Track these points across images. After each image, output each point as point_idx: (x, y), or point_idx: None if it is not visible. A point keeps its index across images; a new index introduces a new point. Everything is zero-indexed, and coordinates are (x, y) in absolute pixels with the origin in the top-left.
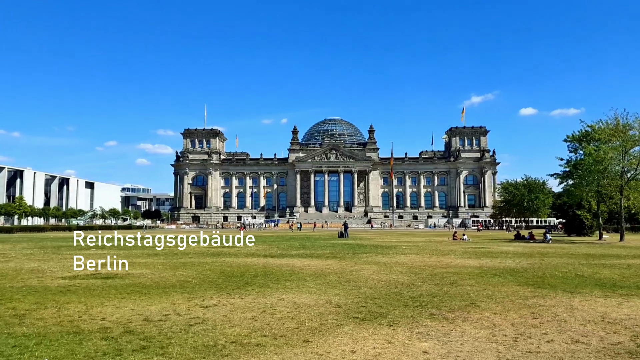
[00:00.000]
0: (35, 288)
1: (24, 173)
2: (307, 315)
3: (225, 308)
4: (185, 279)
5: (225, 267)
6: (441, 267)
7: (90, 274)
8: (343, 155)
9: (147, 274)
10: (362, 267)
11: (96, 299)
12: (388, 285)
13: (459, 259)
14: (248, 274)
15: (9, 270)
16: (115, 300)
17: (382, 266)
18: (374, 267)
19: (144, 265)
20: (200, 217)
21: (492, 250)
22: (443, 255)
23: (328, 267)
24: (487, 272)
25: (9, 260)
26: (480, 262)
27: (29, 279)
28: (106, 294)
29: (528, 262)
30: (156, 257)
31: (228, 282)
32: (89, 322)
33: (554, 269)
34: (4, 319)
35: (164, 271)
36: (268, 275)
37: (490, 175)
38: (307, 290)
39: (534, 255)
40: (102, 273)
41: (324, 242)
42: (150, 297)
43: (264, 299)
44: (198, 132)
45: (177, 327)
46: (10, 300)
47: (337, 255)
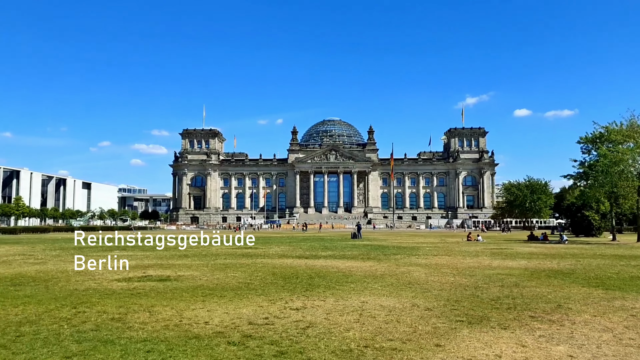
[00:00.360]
0: (101, 291)
1: (21, 173)
2: (411, 319)
3: (316, 310)
4: (244, 281)
5: (270, 269)
6: (486, 268)
7: (142, 276)
8: (343, 156)
9: (200, 276)
10: (408, 269)
11: (177, 302)
12: (455, 288)
13: (495, 260)
14: (300, 275)
15: (56, 272)
16: (198, 304)
17: (428, 268)
18: (421, 269)
19: (185, 267)
20: (199, 217)
21: (519, 251)
22: (475, 257)
23: (373, 269)
24: (537, 273)
25: (44, 262)
26: (519, 264)
27: (85, 282)
28: (179, 296)
29: (568, 263)
30: (188, 258)
31: (291, 284)
32: (198, 327)
33: (601, 270)
34: (105, 323)
35: (214, 273)
36: (322, 277)
37: (489, 176)
38: (378, 292)
39: (565, 257)
40: (153, 275)
41: (341, 243)
42: (230, 299)
43: (346, 302)
44: (197, 133)
45: (292, 331)
46: (92, 304)
47: (369, 256)
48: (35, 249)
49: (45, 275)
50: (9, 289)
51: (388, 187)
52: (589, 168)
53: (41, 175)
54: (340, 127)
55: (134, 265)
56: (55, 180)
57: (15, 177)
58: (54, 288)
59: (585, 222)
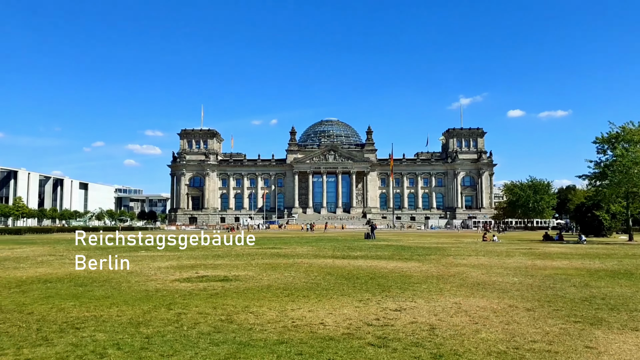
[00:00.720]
0: (173, 291)
1: (18, 173)
2: (525, 320)
3: (418, 311)
4: (310, 281)
5: (320, 269)
6: (536, 268)
7: (199, 277)
8: (341, 156)
9: (256, 276)
10: (460, 269)
11: (268, 302)
12: (529, 288)
13: (535, 260)
14: (360, 276)
15: (107, 273)
16: (290, 304)
17: (478, 268)
18: (473, 270)
19: (230, 267)
20: (198, 218)
21: (547, 251)
22: (511, 257)
23: (423, 269)
24: (593, 273)
25: (81, 263)
26: (562, 264)
27: (146, 282)
28: (262, 296)
29: (612, 263)
30: (224, 258)
31: (359, 284)
32: (319, 327)
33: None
34: (220, 325)
35: (267, 273)
36: (383, 277)
37: (488, 177)
38: (458, 293)
39: (600, 257)
40: (209, 276)
41: (359, 243)
42: (317, 299)
43: (437, 303)
44: (195, 133)
45: (420, 332)
46: (183, 305)
47: (404, 257)
48: (57, 250)
49: (99, 276)
50: (79, 290)
51: (386, 188)
52: (606, 168)
53: (39, 176)
54: (338, 127)
55: (176, 266)
56: (53, 181)
57: (13, 178)
58: (122, 289)
59: (596, 222)
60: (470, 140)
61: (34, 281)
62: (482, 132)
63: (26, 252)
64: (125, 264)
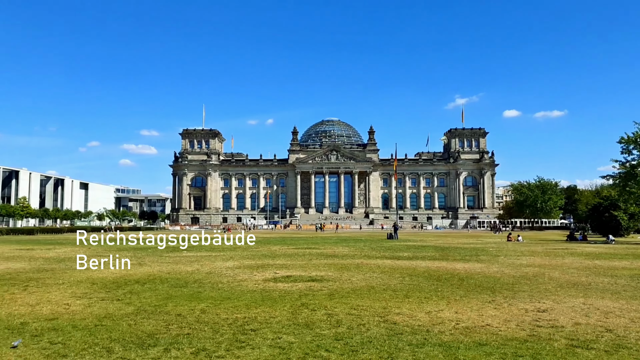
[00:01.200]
0: (274, 291)
1: (20, 173)
2: None
3: (563, 313)
4: (404, 282)
5: (394, 270)
6: (608, 268)
7: (284, 277)
8: (344, 156)
9: (344, 277)
10: (533, 270)
11: (400, 303)
12: (637, 289)
13: (593, 261)
14: (447, 278)
15: (185, 273)
16: (425, 305)
17: (549, 269)
18: (547, 270)
19: (301, 267)
20: (200, 218)
21: (588, 251)
22: (561, 257)
23: (493, 270)
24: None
25: (143, 263)
26: (625, 264)
27: (236, 283)
28: (381, 297)
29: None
30: (280, 258)
31: (462, 286)
32: (491, 328)
33: None
34: (372, 323)
35: (350, 274)
36: (471, 278)
37: (490, 177)
38: (572, 294)
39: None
40: (294, 276)
41: (388, 243)
42: (442, 300)
43: (569, 304)
44: (197, 133)
45: (604, 335)
46: (305, 306)
47: (455, 257)
48: (99, 251)
49: (182, 277)
50: (184, 291)
51: (389, 188)
52: (632, 168)
53: (40, 176)
54: (339, 127)
55: (241, 266)
56: (54, 181)
57: (15, 177)
58: (216, 289)
59: (614, 223)
60: (472, 140)
61: (128, 282)
62: (484, 132)
63: (67, 252)
64: (192, 264)
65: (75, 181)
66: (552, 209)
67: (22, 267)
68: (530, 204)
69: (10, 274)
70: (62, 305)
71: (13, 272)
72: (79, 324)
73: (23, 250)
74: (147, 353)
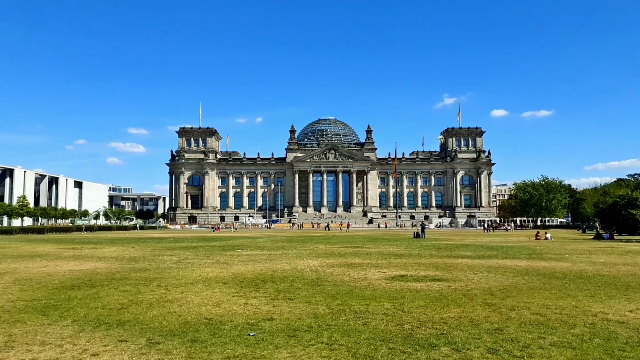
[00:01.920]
0: (408, 291)
1: (14, 172)
2: None
3: None
4: (525, 281)
5: (493, 269)
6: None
7: (400, 276)
8: (341, 155)
9: (461, 277)
10: (620, 268)
11: (558, 300)
12: None
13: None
14: (557, 276)
15: (305, 273)
16: (587, 302)
17: (633, 267)
18: (621, 268)
19: (397, 266)
20: (197, 217)
21: (630, 249)
22: (620, 256)
23: (584, 269)
24: None
25: (225, 263)
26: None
27: (358, 281)
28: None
29: None
30: (357, 257)
31: (585, 285)
32: None
33: None
34: (572, 323)
35: (462, 273)
36: (580, 278)
37: (486, 176)
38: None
39: None
40: (407, 276)
41: (425, 242)
42: (587, 298)
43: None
44: (194, 131)
45: None
46: (487, 305)
47: (520, 257)
48: (158, 249)
49: (296, 274)
50: (331, 289)
51: (386, 187)
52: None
53: (34, 174)
54: (336, 126)
55: (332, 264)
56: (48, 179)
57: (9, 176)
58: (359, 288)
59: (631, 221)
60: (469, 139)
61: (265, 280)
62: (481, 132)
63: (130, 252)
64: (279, 262)
65: (70, 180)
66: (557, 207)
67: (109, 267)
68: (535, 203)
69: (113, 274)
70: (240, 305)
71: (114, 272)
72: (304, 324)
73: (76, 250)
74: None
